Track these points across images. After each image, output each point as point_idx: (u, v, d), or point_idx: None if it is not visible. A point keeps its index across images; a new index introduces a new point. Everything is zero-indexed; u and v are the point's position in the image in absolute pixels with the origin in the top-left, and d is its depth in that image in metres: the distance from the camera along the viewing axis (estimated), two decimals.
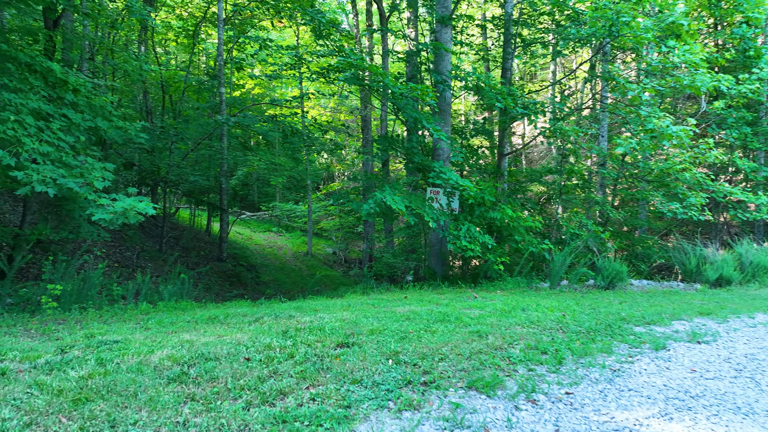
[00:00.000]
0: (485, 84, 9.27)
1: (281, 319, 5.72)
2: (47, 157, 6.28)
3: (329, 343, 4.50)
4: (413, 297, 7.84)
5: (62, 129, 6.78)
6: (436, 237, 10.84)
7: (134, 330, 5.18)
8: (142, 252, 12.44)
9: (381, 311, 6.25)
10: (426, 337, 4.84)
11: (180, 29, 19.54)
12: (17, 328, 5.47)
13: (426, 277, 10.75)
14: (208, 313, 6.30)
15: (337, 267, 22.12)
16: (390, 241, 19.46)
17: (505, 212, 9.70)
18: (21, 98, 6.42)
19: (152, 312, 7.00)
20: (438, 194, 10.12)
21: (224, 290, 12.91)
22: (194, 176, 12.89)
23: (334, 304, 6.91)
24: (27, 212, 8.81)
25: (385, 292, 9.07)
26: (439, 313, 6.10)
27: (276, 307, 6.73)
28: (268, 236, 24.41)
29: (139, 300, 8.11)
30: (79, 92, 7.37)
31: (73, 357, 3.85)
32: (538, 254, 10.45)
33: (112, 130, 7.49)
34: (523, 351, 4.57)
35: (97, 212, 5.78)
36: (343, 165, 27.14)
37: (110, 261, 11.30)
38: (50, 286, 6.96)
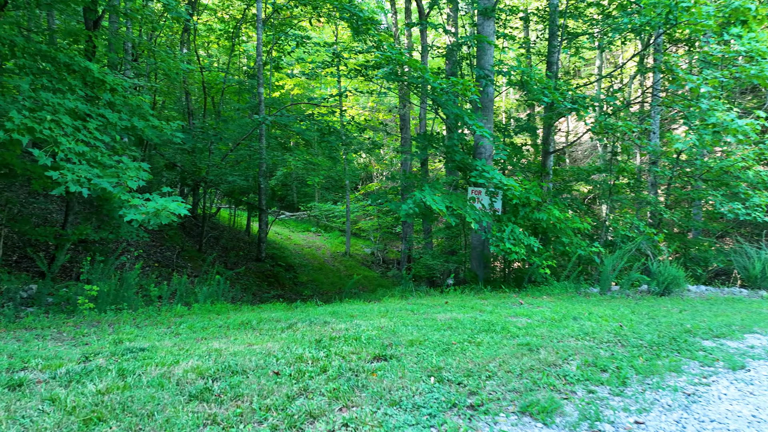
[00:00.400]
0: (531, 78, 8.71)
1: (315, 325, 5.39)
2: (83, 157, 6.15)
3: (365, 356, 4.12)
4: (454, 302, 7.39)
5: (99, 128, 6.66)
6: (477, 239, 10.34)
7: (164, 335, 4.94)
8: (182, 252, 12.42)
9: (421, 318, 5.84)
10: (471, 350, 4.40)
11: (221, 31, 19.65)
12: (50, 330, 5.33)
13: (467, 281, 10.27)
14: (241, 317, 6.03)
15: (375, 267, 21.82)
16: (429, 242, 19.00)
17: (551, 213, 9.11)
18: (59, 98, 6.33)
19: (186, 315, 6.80)
20: (480, 194, 9.62)
21: (262, 290, 12.76)
22: (233, 176, 12.79)
23: (371, 309, 6.55)
24: (69, 212, 8.83)
25: (424, 296, 8.64)
26: (483, 321, 5.64)
27: (311, 312, 6.41)
28: (307, 236, 24.34)
29: (175, 301, 7.97)
30: (117, 92, 7.26)
31: (95, 367, 3.61)
32: (587, 257, 9.80)
33: (149, 129, 7.35)
34: (581, 368, 4.08)
35: (129, 212, 5.60)
36: (382, 165, 26.82)
37: (150, 261, 11.30)
38: (87, 287, 6.86)
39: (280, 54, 15.86)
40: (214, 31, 20.75)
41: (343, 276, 18.72)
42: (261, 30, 14.64)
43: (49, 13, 11.06)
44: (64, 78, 6.77)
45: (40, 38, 7.28)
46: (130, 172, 6.29)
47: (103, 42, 8.69)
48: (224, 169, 13.41)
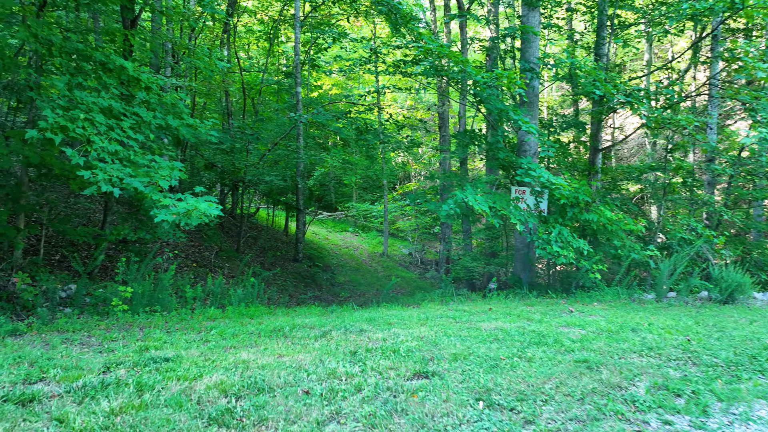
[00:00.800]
0: (581, 69, 8.09)
1: (351, 334, 5.01)
2: (115, 156, 5.98)
3: (404, 372, 3.71)
4: (499, 309, 6.88)
5: (132, 127, 6.49)
6: (521, 241, 9.76)
7: (192, 343, 4.66)
8: (220, 252, 12.32)
9: (464, 327, 5.38)
10: (522, 367, 3.92)
11: (260, 33, 19.62)
12: (80, 334, 5.15)
13: (510, 285, 9.71)
14: (274, 323, 5.72)
15: (413, 268, 21.37)
16: (468, 243, 18.41)
17: (602, 214, 8.46)
18: (93, 97, 6.18)
19: (219, 318, 6.56)
20: (524, 194, 9.05)
21: (299, 291, 12.52)
22: (270, 176, 12.61)
23: (410, 316, 6.12)
24: (107, 212, 8.77)
25: (465, 301, 8.16)
26: (532, 332, 5.14)
27: (347, 318, 6.04)
28: (345, 236, 24.12)
29: (209, 304, 7.76)
30: (151, 90, 7.10)
31: (114, 380, 3.32)
32: (640, 261, 9.09)
33: (183, 128, 7.15)
34: (650, 392, 3.54)
35: (160, 213, 5.37)
36: (420, 164, 26.33)
37: (189, 261, 11.22)
38: (121, 288, 6.71)
39: (317, 52, 15.60)
40: (254, 32, 20.78)
41: (381, 277, 18.36)
42: (299, 29, 14.43)
43: (94, 15, 11.13)
44: (99, 77, 6.63)
45: (77, 38, 7.20)
46: (163, 172, 6.07)
47: (140, 41, 8.58)
48: (262, 169, 13.25)
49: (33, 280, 7.49)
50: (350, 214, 26.10)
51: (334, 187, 27.26)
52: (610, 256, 9.16)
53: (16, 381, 3.28)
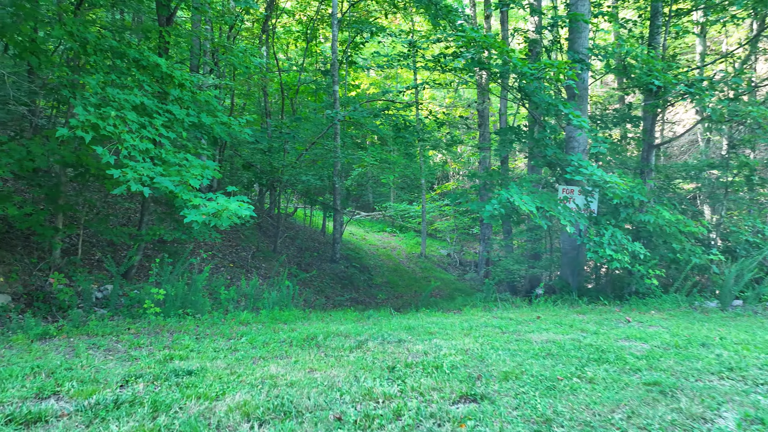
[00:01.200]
0: (638, 59, 7.41)
1: (389, 345, 4.59)
2: (146, 154, 5.75)
3: (449, 393, 3.26)
4: (548, 317, 6.32)
5: (165, 125, 6.27)
6: (569, 243, 9.12)
7: (219, 352, 4.34)
8: (257, 252, 12.13)
9: (512, 339, 4.88)
10: (583, 391, 3.40)
11: (298, 33, 19.47)
12: (108, 339, 4.92)
13: (557, 290, 9.08)
14: (308, 330, 5.36)
15: (452, 270, 20.79)
16: (509, 244, 17.72)
17: (660, 215, 7.75)
18: (126, 94, 5.98)
19: (251, 322, 6.25)
20: (572, 193, 8.43)
21: (335, 293, 12.20)
22: (307, 176, 12.34)
23: (451, 324, 5.65)
24: (144, 212, 8.65)
25: (510, 307, 7.61)
26: (589, 346, 4.59)
27: (384, 326, 5.62)
28: (382, 236, 23.75)
29: (243, 306, 7.49)
30: (185, 87, 6.87)
31: (130, 396, 3.01)
32: (702, 266, 8.31)
33: (217, 126, 6.90)
34: (742, 426, 2.97)
35: (190, 213, 5.09)
36: (459, 163, 25.69)
37: (225, 261, 11.06)
38: (153, 290, 6.51)
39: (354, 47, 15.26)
40: (292, 33, 20.66)
41: (419, 278, 17.89)
42: (336, 27, 14.13)
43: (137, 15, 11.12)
44: (133, 74, 6.44)
45: (112, 36, 7.10)
46: (194, 170, 5.81)
47: (176, 38, 8.42)
48: (299, 168, 13.01)
49: (70, 280, 7.41)
50: (388, 214, 25.71)
51: (372, 187, 26.94)
52: (668, 260, 8.41)
53: (27, 396, 3.01)
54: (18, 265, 7.13)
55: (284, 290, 7.64)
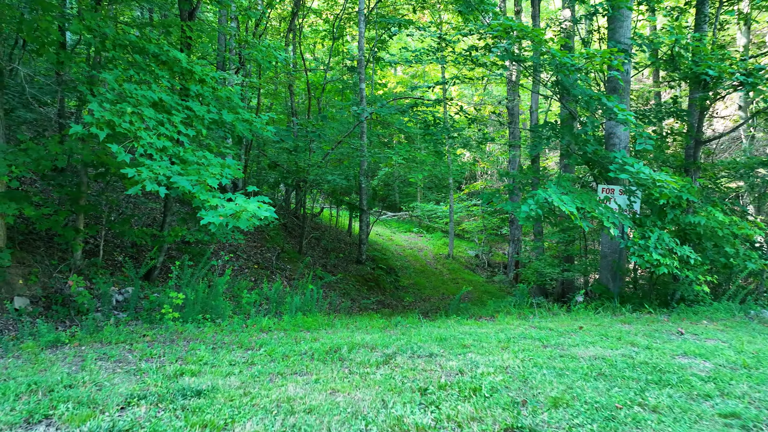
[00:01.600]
0: (690, 47, 6.76)
1: (419, 359, 4.14)
2: (164, 153, 5.43)
3: (491, 424, 2.79)
4: (591, 328, 5.76)
5: (184, 122, 5.96)
6: (609, 246, 8.49)
7: (235, 366, 3.95)
8: (282, 253, 11.81)
9: (555, 355, 4.36)
10: (649, 424, 2.89)
11: (325, 32, 19.17)
12: (120, 348, 4.60)
13: (596, 296, 8.47)
14: (331, 339, 4.94)
15: (480, 271, 20.18)
16: (540, 245, 17.03)
17: (712, 216, 7.08)
18: (144, 90, 5.68)
19: (273, 329, 5.88)
20: (613, 193, 7.82)
21: (361, 295, 11.80)
22: (333, 176, 11.97)
23: (486, 336, 5.15)
24: (167, 213, 8.40)
25: (547, 315, 7.05)
26: (644, 365, 4.04)
27: (413, 336, 5.16)
28: (409, 237, 23.27)
29: (264, 311, 7.14)
30: (205, 83, 6.55)
31: (128, 424, 2.63)
32: (759, 272, 7.60)
33: (239, 123, 6.56)
34: None
35: (207, 215, 4.74)
36: (487, 162, 25.01)
37: (250, 262, 10.77)
38: (172, 294, 6.20)
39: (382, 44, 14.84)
40: (319, 32, 20.38)
41: (446, 280, 17.37)
42: (363, 23, 13.73)
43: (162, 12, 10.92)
44: (152, 69, 6.15)
45: (133, 31, 6.86)
46: (213, 169, 5.46)
47: (198, 33, 8.13)
48: (325, 168, 12.65)
49: (90, 282, 7.19)
50: (414, 214, 25.22)
51: (399, 187, 26.49)
52: (719, 265, 7.71)
53: (14, 422, 2.66)
54: (38, 266, 6.93)
55: (308, 294, 7.25)
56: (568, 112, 10.05)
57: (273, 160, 13.25)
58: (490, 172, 26.61)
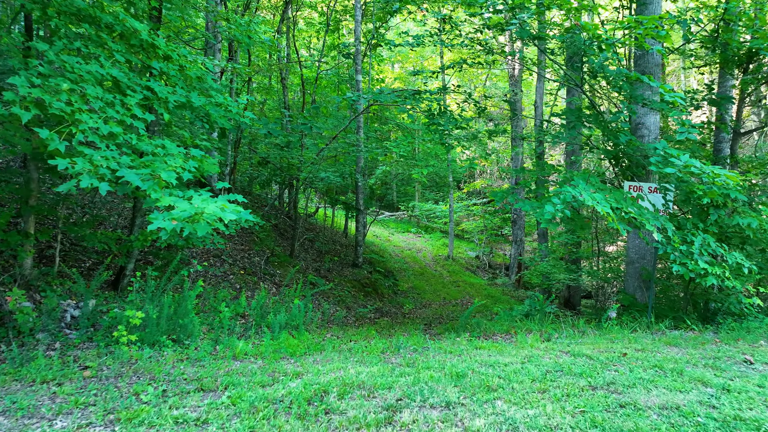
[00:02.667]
0: (743, 16, 5.65)
1: (432, 413, 3.00)
2: (111, 140, 4.27)
3: None
4: (634, 354, 4.63)
5: (142, 105, 4.81)
6: (637, 251, 7.38)
7: (180, 426, 2.80)
8: (272, 257, 10.65)
9: (611, 402, 3.22)
10: None
11: (320, 24, 18.00)
12: (41, 391, 3.44)
13: (623, 306, 7.35)
14: (317, 378, 3.80)
15: (481, 273, 19.06)
16: (545, 247, 15.92)
17: (763, 218, 5.97)
18: (91, 65, 4.52)
19: (249, 355, 4.74)
20: (640, 190, 6.71)
21: (358, 303, 10.65)
22: (326, 173, 10.81)
23: (513, 369, 4.01)
24: (136, 214, 7.22)
25: (574, 334, 5.91)
26: (740, 421, 2.91)
27: (421, 371, 4.02)
28: (407, 237, 22.12)
29: (247, 326, 5.98)
30: (172, 60, 5.39)
31: None
32: None
33: (211, 108, 5.40)
34: None
35: (157, 219, 3.58)
36: (489, 161, 23.89)
37: (235, 268, 9.60)
38: (128, 313, 5.03)
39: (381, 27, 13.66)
40: (314, 25, 19.21)
41: (447, 282, 16.24)
42: (359, 9, 12.57)
43: None
44: (104, 42, 4.98)
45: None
46: (173, 161, 4.30)
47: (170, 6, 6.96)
48: (319, 165, 11.49)
49: (40, 296, 6.02)
50: (413, 214, 24.08)
51: (397, 186, 25.35)
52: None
53: None
54: None
55: (295, 310, 6.10)
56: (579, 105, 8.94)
57: (263, 157, 12.08)
58: (489, 170, 25.50)
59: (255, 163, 13.38)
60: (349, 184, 13.73)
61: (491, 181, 24.10)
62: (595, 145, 7.42)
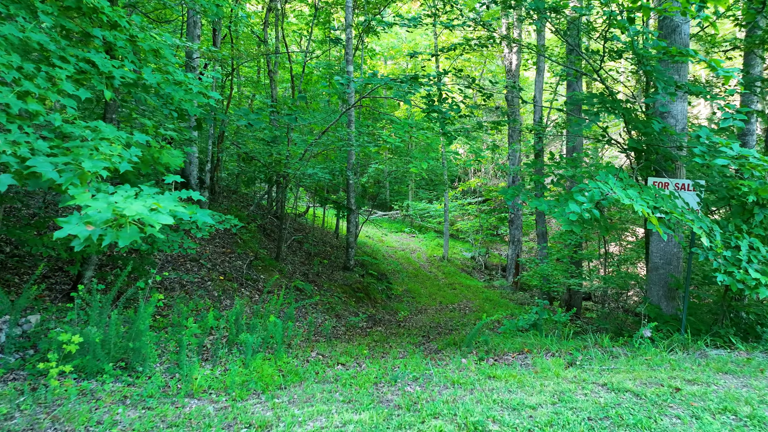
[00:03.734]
0: None
1: None
2: (27, 121, 3.25)
3: None
4: (685, 384, 3.67)
5: (75, 79, 3.78)
6: (662, 255, 6.43)
7: None
8: (255, 261, 9.61)
9: None
10: None
11: (310, 16, 16.93)
12: None
13: (646, 317, 6.39)
14: (292, 426, 2.79)
15: (477, 274, 18.12)
16: (544, 247, 15.00)
17: None
18: (4, 26, 3.50)
19: (211, 391, 3.73)
20: (667, 188, 5.76)
21: (348, 310, 9.65)
22: (314, 169, 9.79)
23: (542, 412, 3.03)
24: None
25: (603, 357, 4.94)
26: None
27: (426, 416, 3.03)
28: (400, 237, 21.13)
29: (216, 350, 4.96)
30: (120, 28, 4.36)
31: None
32: None
33: (169, 86, 4.38)
34: None
35: (69, 223, 2.57)
36: (485, 159, 22.93)
37: (215, 272, 8.57)
38: (63, 337, 3.99)
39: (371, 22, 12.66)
40: (304, 17, 18.16)
41: (442, 285, 15.27)
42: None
43: None
44: (30, 3, 3.95)
45: None
46: (107, 148, 3.28)
47: None
48: (307, 161, 10.47)
49: None
50: (406, 213, 23.08)
51: (390, 184, 24.34)
52: None
53: None
54: None
55: (272, 327, 5.08)
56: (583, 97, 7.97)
57: (247, 152, 11.04)
58: (484, 169, 24.55)
59: (240, 159, 12.32)
60: (340, 182, 12.73)
61: (486, 179, 23.16)
62: (607, 136, 6.46)
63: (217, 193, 11.83)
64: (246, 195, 13.92)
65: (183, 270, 8.33)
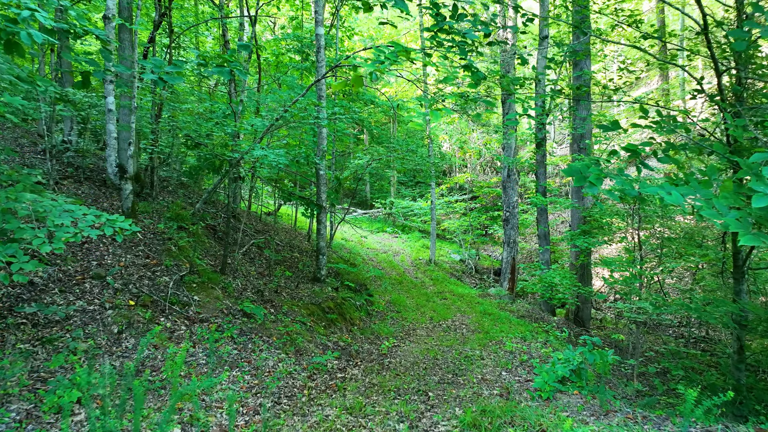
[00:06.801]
0: None
1: None
2: None
3: None
4: None
5: None
6: None
7: None
8: (190, 275, 6.86)
9: None
10: None
11: None
12: None
13: None
14: None
15: (467, 279, 15.61)
16: (546, 250, 12.58)
17: None
18: None
19: None
20: None
21: (315, 341, 6.98)
22: (274, 154, 7.09)
23: None
24: None
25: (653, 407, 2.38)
26: None
27: None
28: (382, 238, 18.50)
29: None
30: None
31: None
32: None
33: None
34: None
35: None
36: (472, 150, 20.41)
37: (125, 295, 5.81)
38: None
39: None
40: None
41: (431, 294, 12.70)
42: None
43: None
44: None
45: None
46: None
47: None
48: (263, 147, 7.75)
49: None
50: (389, 211, 20.42)
51: (371, 180, 21.65)
52: None
53: None
54: None
55: (177, 394, 2.40)
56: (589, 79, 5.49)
57: (190, 136, 8.27)
58: (471, 164, 22.07)
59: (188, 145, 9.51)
60: (311, 174, 10.05)
61: (475, 175, 20.70)
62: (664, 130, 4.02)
63: (156, 186, 9.02)
64: (198, 190, 11.12)
65: (74, 294, 5.57)
